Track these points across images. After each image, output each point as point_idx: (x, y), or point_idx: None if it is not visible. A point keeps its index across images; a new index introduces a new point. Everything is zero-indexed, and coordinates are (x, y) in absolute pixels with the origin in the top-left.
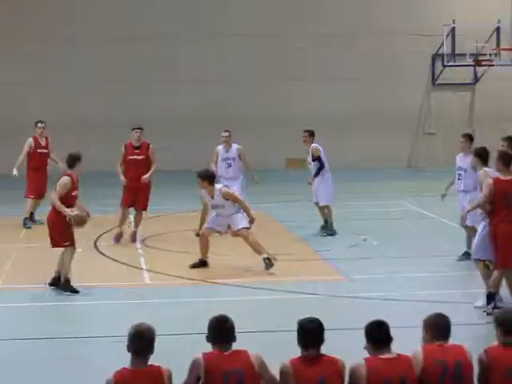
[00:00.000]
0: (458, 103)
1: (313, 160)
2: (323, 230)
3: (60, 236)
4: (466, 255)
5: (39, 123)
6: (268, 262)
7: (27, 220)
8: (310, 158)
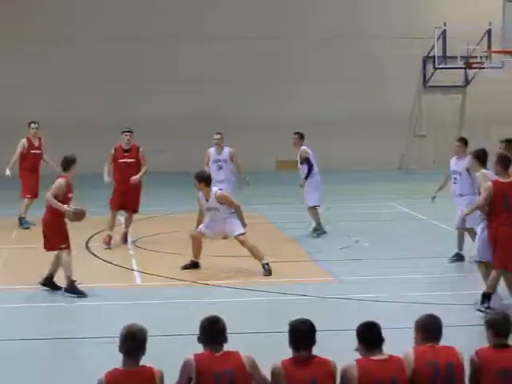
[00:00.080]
0: (449, 105)
1: (300, 163)
2: (316, 232)
3: (56, 238)
4: (457, 257)
5: (32, 124)
6: (267, 268)
7: (24, 220)
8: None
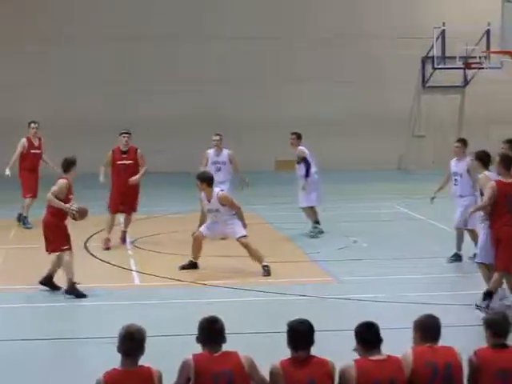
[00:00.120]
0: (448, 106)
1: (297, 162)
2: (315, 230)
3: (58, 239)
4: (456, 257)
5: (32, 123)
6: (267, 269)
7: (27, 219)
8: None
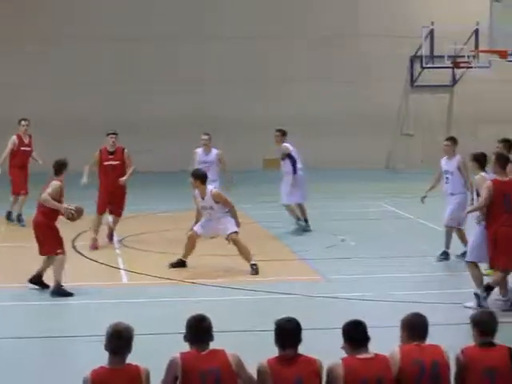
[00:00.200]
0: (437, 105)
1: (282, 159)
2: (305, 225)
3: (51, 242)
4: (445, 255)
5: (23, 121)
6: (255, 268)
7: (21, 216)
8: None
